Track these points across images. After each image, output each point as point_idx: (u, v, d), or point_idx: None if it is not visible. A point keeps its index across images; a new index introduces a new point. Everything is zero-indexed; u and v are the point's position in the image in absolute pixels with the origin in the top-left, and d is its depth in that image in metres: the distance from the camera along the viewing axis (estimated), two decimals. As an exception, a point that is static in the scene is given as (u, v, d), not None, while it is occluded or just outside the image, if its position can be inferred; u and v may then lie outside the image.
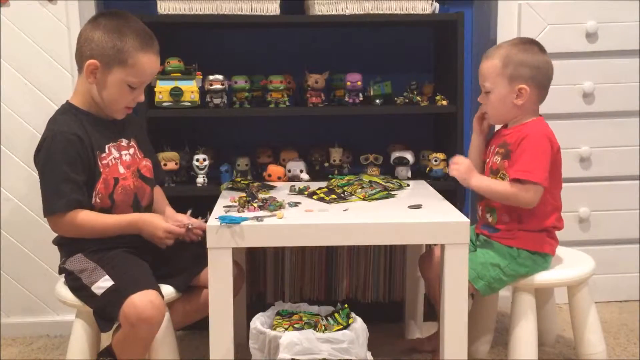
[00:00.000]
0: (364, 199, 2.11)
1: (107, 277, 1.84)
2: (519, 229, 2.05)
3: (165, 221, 1.94)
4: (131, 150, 2.01)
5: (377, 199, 2.11)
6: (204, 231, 1.87)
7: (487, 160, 2.14)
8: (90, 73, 1.88)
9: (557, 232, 2.12)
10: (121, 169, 1.96)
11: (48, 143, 1.87)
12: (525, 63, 2.04)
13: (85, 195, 1.88)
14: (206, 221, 1.89)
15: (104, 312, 1.83)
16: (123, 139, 2.00)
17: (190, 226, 1.97)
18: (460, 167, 2.07)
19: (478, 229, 2.15)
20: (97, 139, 1.92)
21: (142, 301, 1.76)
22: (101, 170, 1.91)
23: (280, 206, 1.99)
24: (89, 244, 1.91)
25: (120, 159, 1.97)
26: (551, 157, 2.02)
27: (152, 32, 1.95)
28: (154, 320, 1.79)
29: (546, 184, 1.99)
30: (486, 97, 2.09)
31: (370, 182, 2.25)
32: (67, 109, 1.95)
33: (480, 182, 2.07)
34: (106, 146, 1.94)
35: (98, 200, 1.91)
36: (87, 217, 1.87)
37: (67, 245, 1.95)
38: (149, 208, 2.06)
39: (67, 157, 1.85)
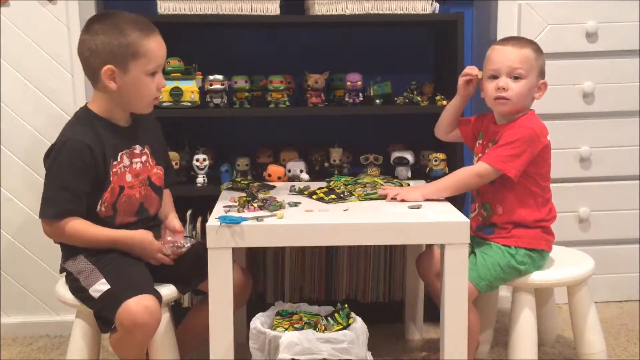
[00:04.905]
0: (358, 198, 2.11)
1: (103, 280, 1.83)
2: (514, 226, 2.06)
3: (162, 235, 1.96)
4: (143, 158, 1.99)
5: (374, 198, 2.11)
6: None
7: (479, 154, 2.14)
8: (109, 79, 1.86)
9: (556, 231, 2.12)
10: (128, 177, 1.94)
11: (57, 149, 1.86)
12: (545, 60, 2.08)
13: (83, 206, 1.86)
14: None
15: (102, 314, 1.83)
16: (137, 146, 1.98)
17: (186, 245, 1.97)
18: (401, 189, 2.12)
19: (473, 231, 2.15)
20: (111, 146, 1.90)
21: (137, 306, 1.75)
22: (111, 179, 1.90)
23: (280, 206, 1.99)
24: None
25: (130, 167, 1.95)
26: (534, 151, 2.02)
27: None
28: (149, 325, 1.78)
29: (512, 174, 1.99)
30: (513, 82, 2.03)
31: (373, 182, 2.25)
32: (84, 116, 1.93)
33: (434, 184, 2.11)
34: (119, 154, 1.93)
35: (103, 209, 1.90)
36: (77, 227, 1.86)
37: (69, 245, 1.94)
38: (156, 216, 2.06)
39: (71, 165, 1.84)
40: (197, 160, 2.42)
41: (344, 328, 1.78)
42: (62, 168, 1.84)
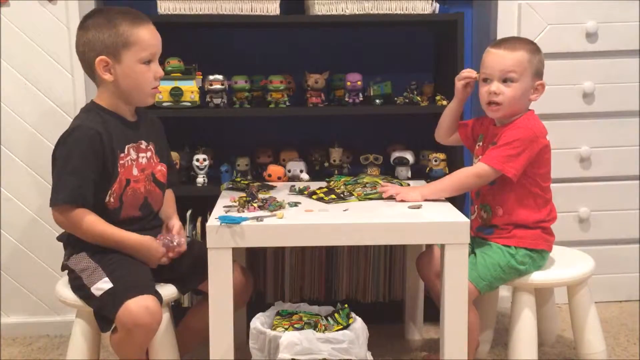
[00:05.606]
0: (358, 198, 2.11)
1: (106, 279, 1.83)
2: (515, 227, 2.06)
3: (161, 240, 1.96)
4: (148, 154, 2.00)
5: (373, 198, 2.11)
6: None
7: (479, 156, 2.14)
8: (104, 70, 1.89)
9: (556, 231, 2.12)
10: (135, 171, 1.95)
11: (66, 136, 1.87)
12: (543, 60, 2.07)
13: (91, 192, 1.86)
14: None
15: (102, 313, 1.84)
16: (142, 141, 1.99)
17: (179, 243, 1.96)
18: (400, 189, 2.11)
19: (473, 232, 2.14)
20: (119, 138, 1.92)
21: (137, 307, 1.75)
22: (119, 170, 1.91)
23: (280, 206, 1.99)
24: (93, 244, 1.91)
25: (137, 161, 1.96)
26: (533, 151, 2.01)
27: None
28: (149, 326, 1.78)
29: (511, 174, 1.99)
30: (505, 86, 2.02)
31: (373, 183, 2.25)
32: (92, 107, 1.95)
33: (433, 185, 2.10)
34: (126, 147, 1.94)
35: (112, 200, 1.91)
36: (92, 220, 1.86)
37: (72, 243, 1.94)
38: (158, 214, 2.07)
39: (81, 151, 1.85)
40: (197, 160, 2.42)
41: (344, 328, 1.78)
42: (71, 154, 1.85)
